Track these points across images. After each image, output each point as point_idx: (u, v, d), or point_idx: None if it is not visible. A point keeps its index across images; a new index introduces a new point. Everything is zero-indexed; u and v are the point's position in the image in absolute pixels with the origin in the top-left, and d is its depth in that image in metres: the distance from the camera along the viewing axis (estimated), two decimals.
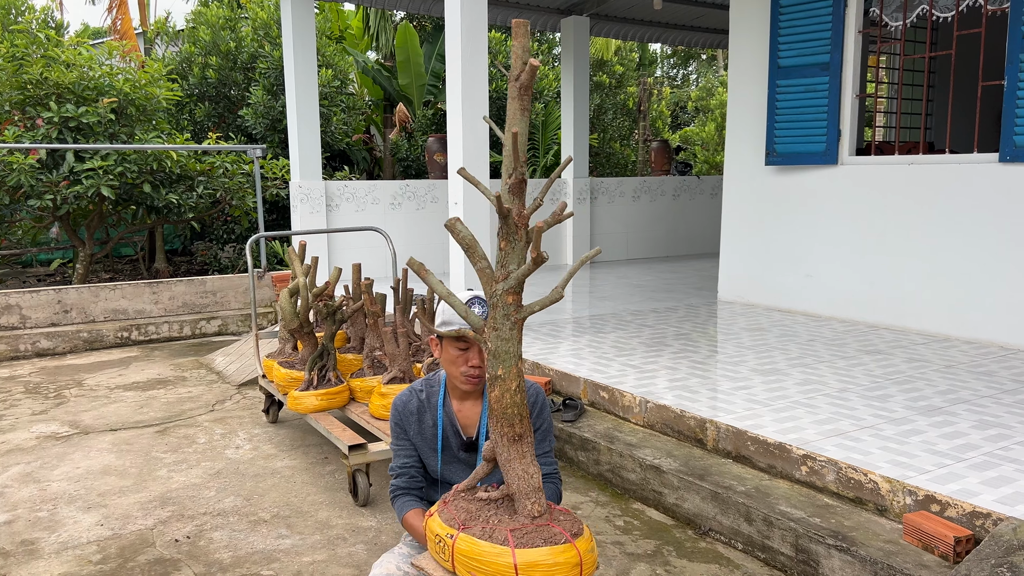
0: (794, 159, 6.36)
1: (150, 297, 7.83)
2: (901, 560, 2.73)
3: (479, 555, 1.93)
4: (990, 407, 3.93)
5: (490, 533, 1.96)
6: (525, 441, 2.02)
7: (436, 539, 2.05)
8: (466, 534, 1.98)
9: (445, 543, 2.00)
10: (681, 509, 3.56)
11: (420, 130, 12.77)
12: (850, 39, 5.92)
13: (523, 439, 2.02)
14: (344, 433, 4.01)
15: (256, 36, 10.91)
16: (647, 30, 11.24)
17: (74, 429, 4.98)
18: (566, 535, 1.99)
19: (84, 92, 8.01)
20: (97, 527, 3.59)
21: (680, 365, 4.89)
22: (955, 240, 5.41)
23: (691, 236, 11.42)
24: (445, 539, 2.00)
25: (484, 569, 1.92)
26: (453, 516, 2.05)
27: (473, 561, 1.94)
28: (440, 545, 2.02)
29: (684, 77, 26.57)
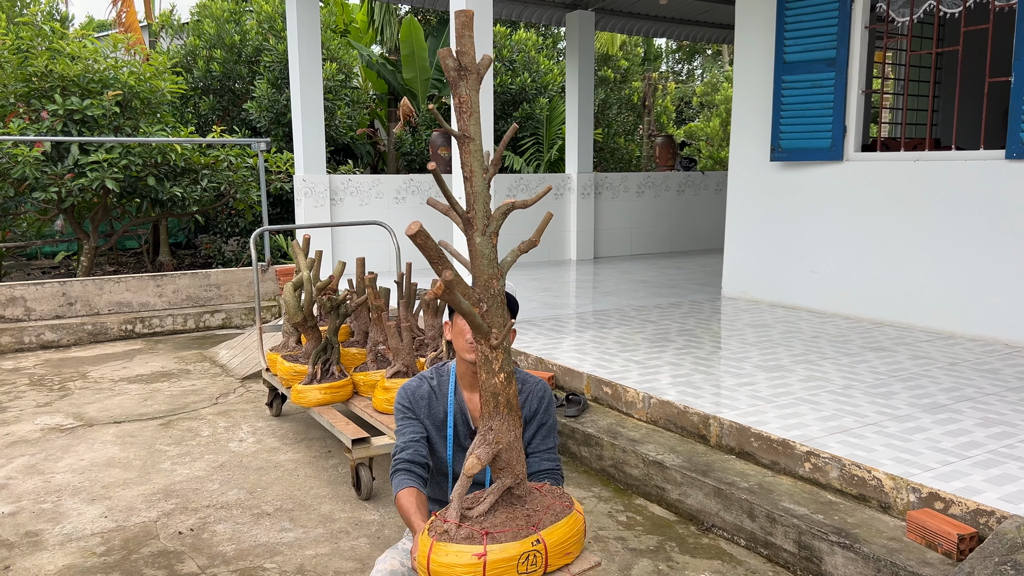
0: (799, 155, 6.34)
1: (154, 290, 7.84)
2: (904, 558, 2.73)
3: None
4: (995, 405, 3.92)
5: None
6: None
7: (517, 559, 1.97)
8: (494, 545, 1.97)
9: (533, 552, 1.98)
10: (684, 505, 3.55)
11: (424, 124, 12.76)
12: (856, 34, 5.90)
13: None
14: (347, 427, 4.02)
15: (261, 29, 10.91)
16: (652, 25, 11.21)
17: (78, 421, 4.99)
18: (567, 506, 2.08)
19: (89, 85, 8.01)
20: (101, 519, 3.60)
21: (684, 361, 4.88)
22: (961, 237, 5.39)
23: (695, 232, 11.40)
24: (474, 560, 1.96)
25: None
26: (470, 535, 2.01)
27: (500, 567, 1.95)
28: (527, 560, 1.98)
29: (689, 72, 26.51)
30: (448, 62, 1.81)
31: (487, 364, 1.97)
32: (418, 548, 2.01)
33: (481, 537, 1.95)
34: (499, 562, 1.92)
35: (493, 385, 1.98)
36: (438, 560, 1.93)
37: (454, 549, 1.93)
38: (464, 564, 1.91)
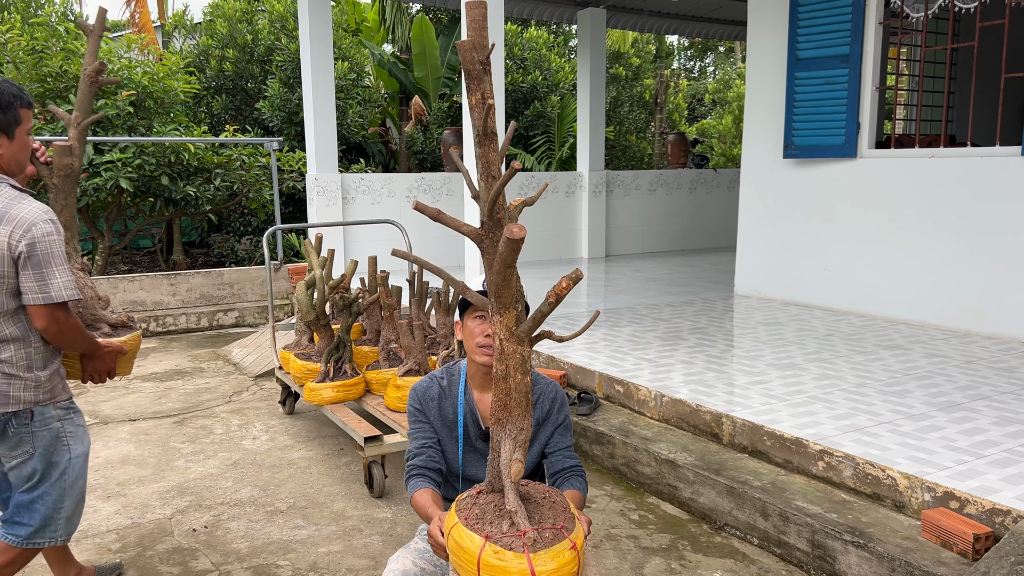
0: (812, 152, 6.30)
1: (168, 289, 7.89)
2: (919, 557, 2.71)
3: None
4: (1011, 403, 3.89)
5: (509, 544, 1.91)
6: None
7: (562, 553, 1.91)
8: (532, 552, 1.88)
9: None
10: (696, 503, 3.54)
11: (436, 123, 12.77)
12: (870, 30, 5.85)
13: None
14: (360, 425, 4.03)
15: (273, 29, 10.94)
16: (664, 22, 11.17)
17: (94, 419, 5.03)
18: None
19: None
20: (116, 516, 3.62)
21: (696, 359, 4.87)
22: (976, 234, 5.34)
23: (707, 230, 11.36)
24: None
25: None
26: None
27: None
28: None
29: (701, 69, 26.42)
30: (473, 54, 1.78)
31: (523, 364, 1.93)
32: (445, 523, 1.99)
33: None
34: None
35: (526, 385, 1.96)
36: (488, 561, 1.85)
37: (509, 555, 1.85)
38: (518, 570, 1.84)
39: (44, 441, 2.52)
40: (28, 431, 2.48)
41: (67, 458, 2.57)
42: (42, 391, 2.48)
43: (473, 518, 1.96)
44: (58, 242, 2.40)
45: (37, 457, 2.51)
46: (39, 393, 2.48)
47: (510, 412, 1.96)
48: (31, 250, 2.34)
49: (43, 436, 2.51)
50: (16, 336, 2.42)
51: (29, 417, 2.47)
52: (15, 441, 2.48)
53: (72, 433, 2.59)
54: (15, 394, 2.43)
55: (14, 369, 2.42)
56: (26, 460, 2.51)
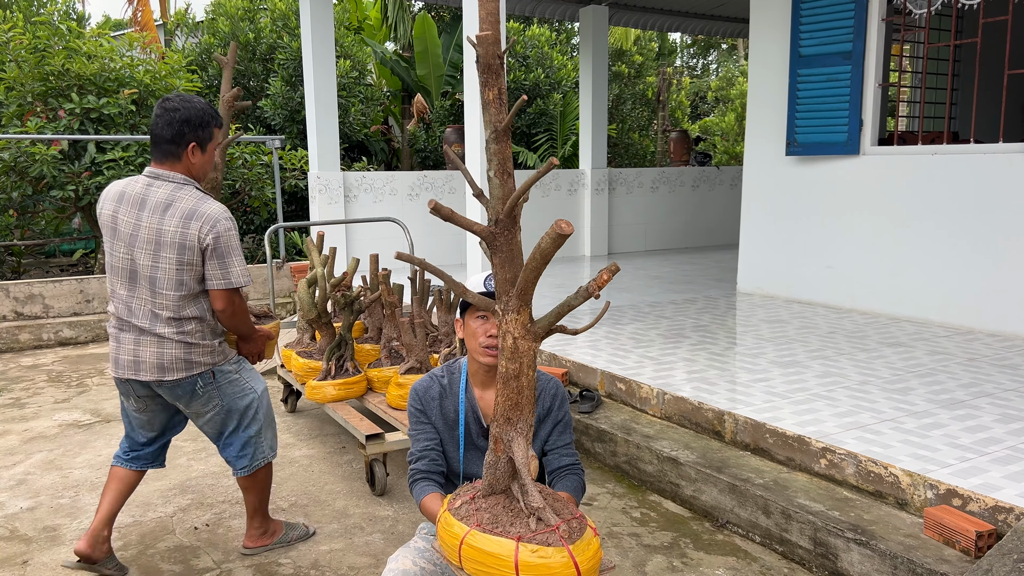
0: (815, 149, 6.29)
1: None
2: (921, 554, 2.70)
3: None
4: (1014, 401, 3.87)
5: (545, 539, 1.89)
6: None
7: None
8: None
9: None
10: (698, 501, 3.54)
11: (438, 121, 12.76)
12: (873, 27, 5.84)
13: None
14: (361, 423, 4.03)
15: (275, 27, 10.94)
16: (667, 19, 11.14)
17: (96, 417, 5.03)
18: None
19: (105, 83, 8.06)
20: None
21: (698, 357, 4.86)
22: (979, 231, 5.33)
23: (710, 227, 11.35)
24: None
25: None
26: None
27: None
28: None
29: (704, 67, 26.38)
30: (492, 48, 1.75)
31: (533, 361, 1.92)
32: None
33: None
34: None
35: (533, 381, 1.95)
36: (527, 561, 1.83)
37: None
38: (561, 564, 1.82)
39: (229, 392, 3.03)
40: (214, 387, 2.99)
41: (253, 398, 3.10)
42: (216, 354, 2.98)
43: (487, 522, 1.90)
44: (235, 236, 2.87)
45: (226, 407, 3.03)
46: (215, 356, 2.97)
47: (521, 411, 1.94)
48: (216, 242, 2.80)
49: (227, 389, 3.03)
50: (196, 315, 2.88)
51: (212, 376, 2.97)
52: (205, 399, 2.99)
53: (248, 378, 3.12)
54: (197, 359, 2.91)
55: (195, 339, 2.89)
56: (218, 412, 3.03)
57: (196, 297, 2.87)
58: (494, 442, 1.98)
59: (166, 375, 2.88)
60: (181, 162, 2.89)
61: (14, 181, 7.63)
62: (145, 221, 2.80)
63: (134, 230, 2.81)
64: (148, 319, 2.85)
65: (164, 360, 2.86)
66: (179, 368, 2.88)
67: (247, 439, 3.10)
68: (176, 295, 2.82)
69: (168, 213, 2.79)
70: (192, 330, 2.87)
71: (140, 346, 2.87)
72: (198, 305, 2.88)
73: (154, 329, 2.84)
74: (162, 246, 2.78)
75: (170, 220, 2.78)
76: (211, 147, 2.96)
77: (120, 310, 2.89)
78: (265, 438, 3.16)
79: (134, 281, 2.85)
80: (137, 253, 2.82)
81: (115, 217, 2.85)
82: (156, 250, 2.79)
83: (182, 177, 2.88)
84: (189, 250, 2.78)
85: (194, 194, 2.85)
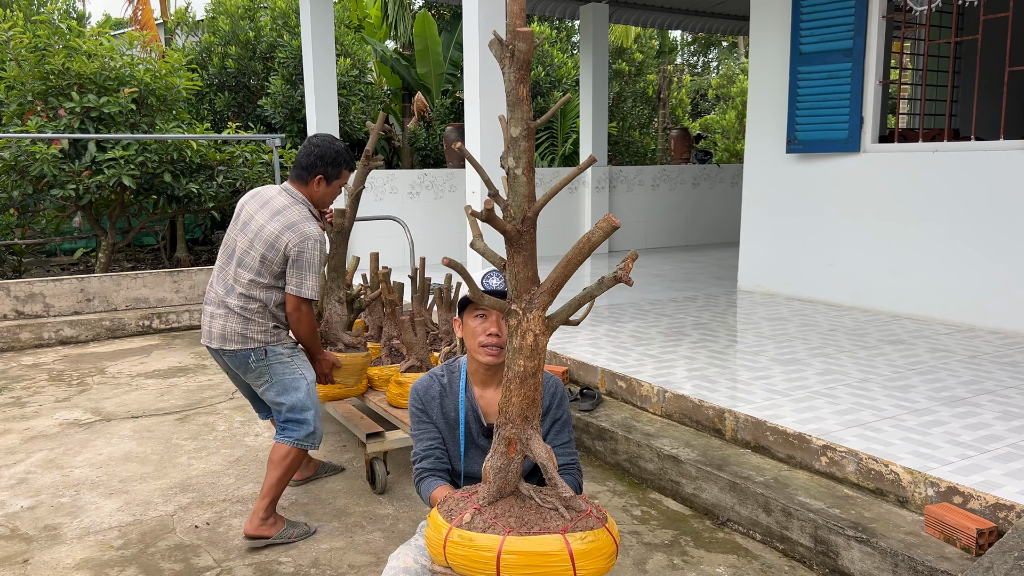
0: (816, 147, 6.28)
1: (171, 286, 7.90)
2: (922, 552, 2.70)
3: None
4: (1015, 398, 3.87)
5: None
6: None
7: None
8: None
9: None
10: (699, 499, 3.54)
11: (438, 119, 12.76)
12: (873, 24, 5.83)
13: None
14: (362, 421, 4.03)
15: (275, 26, 10.93)
16: (667, 17, 11.14)
17: (96, 416, 5.04)
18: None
19: (105, 82, 8.06)
20: (118, 513, 3.63)
21: (699, 355, 4.86)
22: (980, 228, 5.32)
23: (711, 225, 11.34)
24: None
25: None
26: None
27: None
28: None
29: (704, 64, 26.35)
30: (528, 44, 1.72)
31: (545, 355, 1.93)
32: None
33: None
34: None
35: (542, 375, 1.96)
36: None
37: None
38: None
39: (279, 371, 3.35)
40: (265, 364, 3.33)
41: (304, 382, 3.39)
42: (270, 335, 3.33)
43: (518, 525, 1.86)
44: (318, 257, 3.28)
45: (276, 384, 3.35)
46: (268, 335, 3.32)
47: (537, 407, 1.94)
48: (299, 256, 3.25)
49: (278, 368, 3.35)
50: (261, 299, 3.29)
51: (264, 354, 3.32)
52: (257, 373, 3.34)
53: (302, 364, 3.43)
54: (251, 335, 3.29)
55: (253, 316, 3.28)
56: (269, 387, 3.36)
57: (267, 288, 3.30)
58: (507, 444, 1.94)
59: (225, 344, 3.31)
60: (307, 186, 3.43)
61: (15, 180, 7.64)
62: (259, 217, 3.32)
63: (248, 219, 3.34)
64: (225, 290, 3.33)
65: (226, 331, 3.29)
66: (235, 340, 3.29)
67: (299, 418, 3.37)
68: (250, 277, 3.28)
69: (276, 218, 3.29)
70: (254, 309, 3.28)
71: (214, 318, 3.33)
72: (266, 293, 3.30)
73: (226, 300, 3.30)
74: (259, 239, 3.27)
75: (274, 224, 3.28)
76: (336, 183, 3.47)
77: (213, 280, 3.41)
78: (315, 427, 3.40)
79: (230, 258, 3.36)
80: (240, 237, 3.34)
81: (244, 207, 3.40)
82: (254, 240, 3.28)
83: (302, 197, 3.40)
84: (275, 251, 3.25)
85: (303, 212, 3.34)
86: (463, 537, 1.86)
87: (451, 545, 1.87)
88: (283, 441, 3.35)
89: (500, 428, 1.97)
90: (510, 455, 1.94)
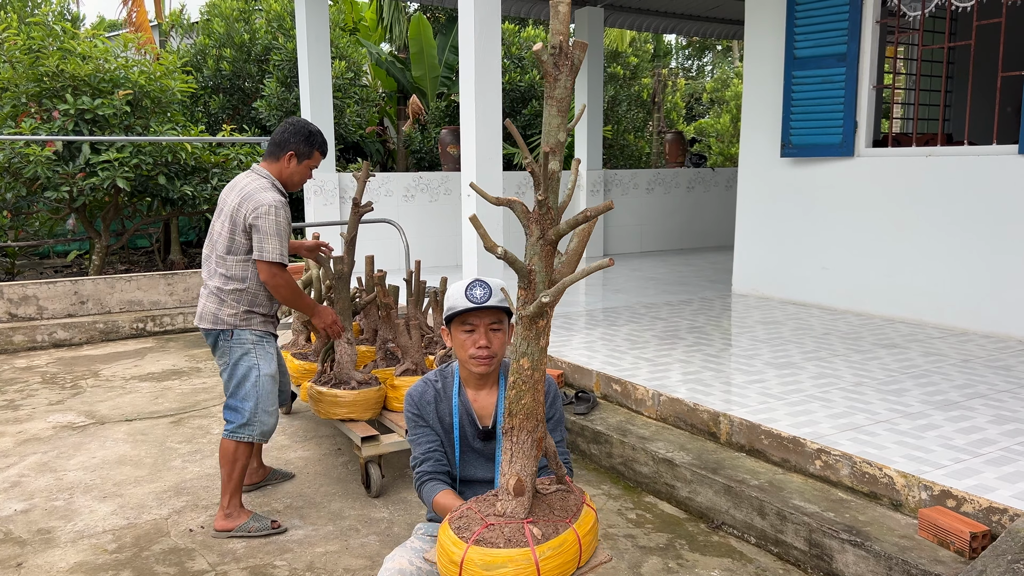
0: (810, 151, 6.30)
1: (165, 288, 7.88)
2: (916, 555, 2.71)
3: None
4: (1008, 402, 3.89)
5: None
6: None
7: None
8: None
9: None
10: (694, 502, 3.54)
11: (433, 122, 12.76)
12: (867, 29, 5.86)
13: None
14: (357, 424, 4.03)
15: (270, 28, 10.93)
16: (662, 21, 11.17)
17: (90, 419, 5.02)
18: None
19: (100, 84, 8.04)
20: (112, 516, 3.62)
21: (694, 358, 4.86)
22: (973, 233, 5.35)
23: (705, 229, 11.37)
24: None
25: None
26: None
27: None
28: None
29: (699, 68, 26.42)
30: (544, 56, 1.79)
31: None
32: None
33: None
34: None
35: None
36: None
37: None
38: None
39: (236, 355, 3.43)
40: (227, 346, 3.43)
41: (256, 373, 3.44)
42: (239, 318, 3.41)
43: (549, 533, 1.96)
44: (275, 221, 3.32)
45: (232, 366, 3.44)
46: (237, 319, 3.41)
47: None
48: (256, 222, 3.31)
49: (236, 351, 3.43)
50: (240, 276, 3.39)
51: (230, 335, 3.42)
52: (221, 352, 3.45)
53: (259, 355, 3.47)
54: (222, 317, 3.40)
55: (226, 296, 3.39)
56: (225, 368, 3.46)
57: (244, 263, 3.39)
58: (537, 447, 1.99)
59: (202, 323, 3.45)
60: (278, 162, 3.50)
61: (8, 182, 7.61)
62: (229, 199, 3.42)
63: (223, 205, 3.45)
64: (208, 273, 3.46)
65: (204, 311, 3.44)
66: (208, 319, 3.42)
67: (237, 407, 3.45)
68: (225, 255, 3.38)
69: (235, 191, 3.40)
70: (229, 290, 3.39)
71: (201, 298, 3.49)
72: (242, 270, 3.39)
73: (209, 282, 3.44)
74: (224, 215, 3.39)
75: (235, 197, 3.38)
76: (307, 163, 3.53)
77: (203, 266, 3.53)
78: (256, 418, 3.45)
79: (211, 243, 3.47)
80: (216, 222, 3.45)
81: (223, 196, 3.49)
82: (225, 221, 3.39)
83: (266, 173, 3.48)
84: (236, 224, 3.35)
85: (262, 184, 3.41)
86: (508, 555, 1.90)
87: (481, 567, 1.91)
88: (224, 435, 3.47)
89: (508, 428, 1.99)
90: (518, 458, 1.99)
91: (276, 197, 3.37)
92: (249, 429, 3.44)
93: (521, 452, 1.95)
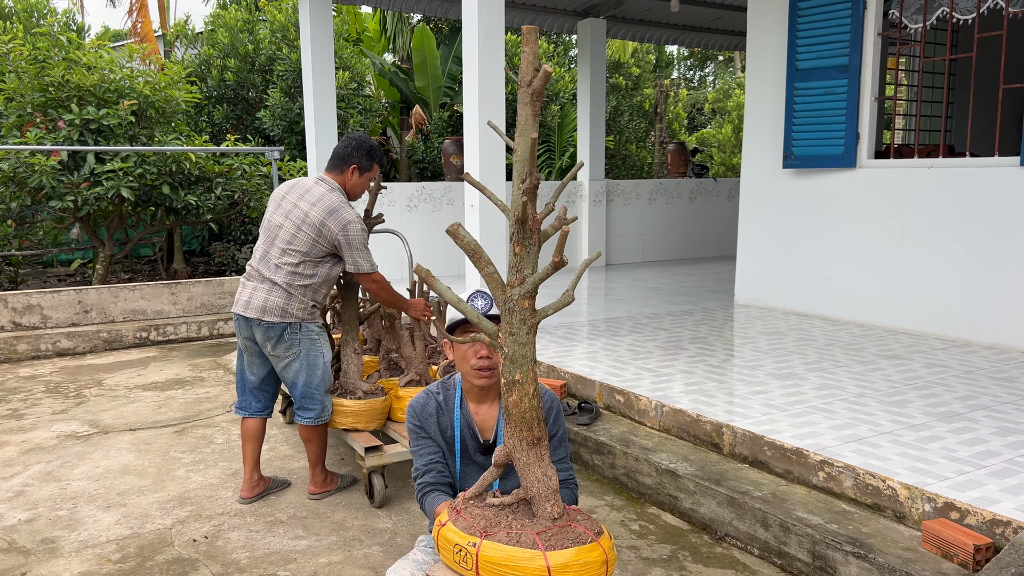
0: (812, 162, 6.32)
1: (168, 298, 7.90)
2: (920, 568, 2.71)
3: (509, 560, 1.91)
4: (1011, 413, 3.89)
5: (516, 538, 1.95)
6: (543, 445, 2.03)
7: (455, 548, 1.99)
8: (491, 541, 1.95)
9: (467, 552, 1.96)
10: (697, 514, 3.54)
11: (436, 132, 12.80)
12: (869, 41, 5.88)
13: (540, 443, 2.02)
14: (360, 435, 4.03)
15: (274, 38, 10.98)
16: (664, 32, 11.21)
17: (94, 428, 5.03)
18: (590, 534, 2.00)
19: (105, 94, 8.08)
20: (116, 526, 3.62)
21: (696, 369, 4.87)
22: (975, 244, 5.36)
23: (707, 239, 11.38)
24: (467, 548, 1.96)
25: (514, 574, 1.91)
26: (470, 524, 2.02)
27: (502, 567, 1.91)
28: (461, 554, 1.97)
29: (701, 79, 26.49)
30: (526, 79, 1.84)
31: None
32: None
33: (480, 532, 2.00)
34: None
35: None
36: None
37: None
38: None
39: (307, 347, 3.73)
40: (297, 338, 3.70)
41: (324, 361, 3.81)
42: (308, 312, 3.71)
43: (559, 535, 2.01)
44: (358, 236, 3.68)
45: (302, 357, 3.72)
46: (306, 313, 3.71)
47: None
48: (346, 239, 3.66)
49: (307, 344, 3.73)
50: (308, 275, 3.68)
51: (299, 328, 3.69)
52: (287, 345, 3.69)
53: (324, 344, 3.83)
54: (291, 310, 3.66)
55: (296, 292, 3.65)
56: (294, 360, 3.72)
57: (315, 264, 3.68)
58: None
59: (264, 316, 3.63)
60: (342, 175, 3.82)
61: (13, 191, 7.64)
62: (301, 204, 3.68)
63: (291, 208, 3.69)
64: (270, 269, 3.66)
65: (268, 304, 3.63)
66: (275, 312, 3.63)
67: (313, 395, 3.78)
68: (300, 258, 3.64)
69: (317, 205, 3.66)
70: (298, 286, 3.65)
71: (256, 291, 3.67)
72: (313, 269, 3.68)
73: (272, 277, 3.64)
74: (307, 224, 3.64)
75: (317, 210, 3.64)
76: (367, 175, 3.86)
77: (256, 260, 3.74)
78: (328, 400, 3.87)
79: (273, 241, 3.70)
80: (286, 223, 3.67)
81: (285, 196, 3.76)
82: (301, 225, 3.64)
83: (337, 185, 3.78)
84: (322, 236, 3.64)
85: (339, 197, 3.72)
86: (522, 554, 1.97)
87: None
88: (303, 423, 3.81)
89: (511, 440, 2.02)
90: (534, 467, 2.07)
91: (355, 212, 3.72)
92: (326, 413, 3.85)
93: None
